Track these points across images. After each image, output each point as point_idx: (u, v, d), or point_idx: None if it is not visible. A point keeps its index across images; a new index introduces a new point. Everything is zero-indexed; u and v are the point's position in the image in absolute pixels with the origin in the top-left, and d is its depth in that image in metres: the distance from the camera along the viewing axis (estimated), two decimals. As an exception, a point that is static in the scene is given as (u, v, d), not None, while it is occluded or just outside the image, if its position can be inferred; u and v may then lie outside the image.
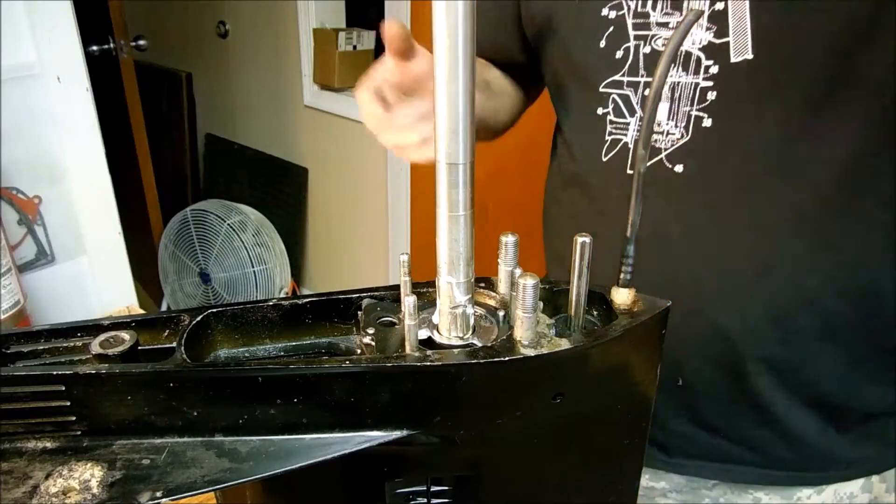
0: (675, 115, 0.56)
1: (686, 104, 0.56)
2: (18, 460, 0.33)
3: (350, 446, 0.33)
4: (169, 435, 0.34)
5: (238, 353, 0.40)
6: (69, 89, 0.99)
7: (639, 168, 0.37)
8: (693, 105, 0.55)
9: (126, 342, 0.35)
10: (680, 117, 0.56)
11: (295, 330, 0.41)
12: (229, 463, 0.33)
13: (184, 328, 0.37)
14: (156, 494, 0.31)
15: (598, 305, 0.39)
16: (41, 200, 1.00)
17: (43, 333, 0.38)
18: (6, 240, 0.83)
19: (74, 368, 0.33)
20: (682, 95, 0.56)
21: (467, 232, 0.32)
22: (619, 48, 0.59)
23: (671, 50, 0.38)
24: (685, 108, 0.56)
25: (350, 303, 0.40)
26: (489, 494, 0.37)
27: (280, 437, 0.34)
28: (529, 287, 0.32)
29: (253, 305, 0.40)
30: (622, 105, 0.60)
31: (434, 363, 0.33)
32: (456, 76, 0.28)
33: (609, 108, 0.62)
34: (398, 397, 0.33)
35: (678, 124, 0.56)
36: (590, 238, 0.35)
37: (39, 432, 0.34)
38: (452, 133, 0.29)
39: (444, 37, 0.27)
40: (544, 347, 0.33)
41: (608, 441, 0.38)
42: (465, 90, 0.28)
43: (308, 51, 2.16)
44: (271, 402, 0.33)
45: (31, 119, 0.96)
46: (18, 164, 0.96)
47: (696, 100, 0.55)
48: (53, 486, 0.32)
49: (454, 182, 0.30)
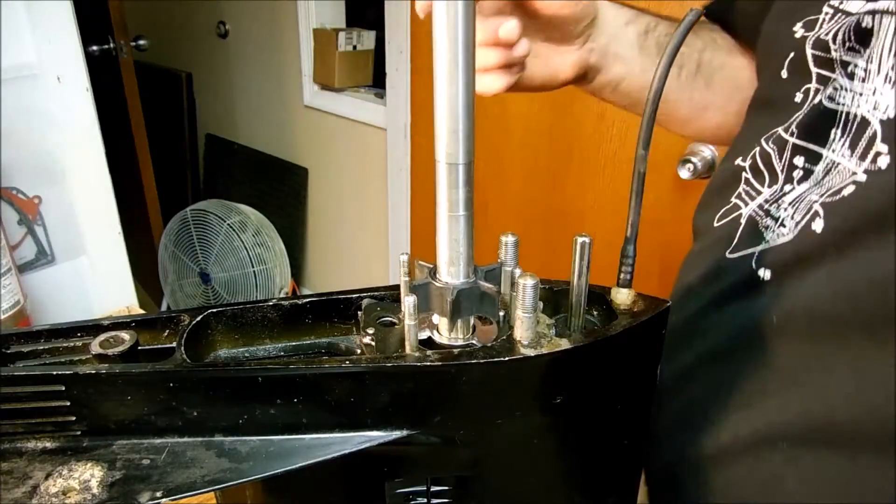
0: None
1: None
2: (18, 460, 0.33)
3: (350, 446, 0.33)
4: (169, 435, 0.34)
5: (238, 353, 0.40)
6: (69, 89, 0.99)
7: (639, 168, 0.37)
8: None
9: (126, 342, 0.35)
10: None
11: (295, 330, 0.41)
12: (229, 463, 0.33)
13: (184, 328, 0.37)
14: (156, 494, 0.31)
15: (598, 305, 0.39)
16: (41, 200, 1.00)
17: (43, 333, 0.38)
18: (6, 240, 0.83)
19: (74, 368, 0.33)
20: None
21: (467, 232, 0.32)
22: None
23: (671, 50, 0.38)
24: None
25: (350, 303, 0.40)
26: (489, 494, 0.37)
27: (280, 437, 0.34)
28: (529, 287, 0.32)
29: (253, 305, 0.40)
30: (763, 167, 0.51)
31: (434, 363, 0.33)
32: (456, 76, 0.28)
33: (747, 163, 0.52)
34: (398, 397, 0.33)
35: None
36: (590, 238, 0.35)
37: (39, 432, 0.34)
38: (452, 133, 0.29)
39: (444, 37, 0.27)
40: (544, 347, 0.33)
41: (608, 441, 0.38)
42: (466, 90, 0.28)
43: (308, 51, 2.16)
44: (271, 402, 0.33)
45: (31, 119, 0.96)
46: (18, 164, 0.96)
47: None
48: (53, 486, 0.32)
49: (454, 182, 0.30)
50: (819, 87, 0.47)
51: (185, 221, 2.34)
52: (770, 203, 0.49)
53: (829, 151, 0.45)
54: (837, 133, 0.44)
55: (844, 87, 0.44)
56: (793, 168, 0.47)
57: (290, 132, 2.39)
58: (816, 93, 0.47)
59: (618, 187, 1.38)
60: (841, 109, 0.44)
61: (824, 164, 0.45)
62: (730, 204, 0.53)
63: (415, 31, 1.71)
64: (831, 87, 0.45)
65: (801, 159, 0.47)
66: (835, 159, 0.44)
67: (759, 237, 0.49)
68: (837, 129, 0.44)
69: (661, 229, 1.32)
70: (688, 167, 1.20)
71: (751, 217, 0.50)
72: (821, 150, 0.46)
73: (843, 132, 0.44)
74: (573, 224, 1.45)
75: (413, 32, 1.71)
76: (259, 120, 2.52)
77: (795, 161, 0.47)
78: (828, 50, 0.45)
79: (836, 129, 0.44)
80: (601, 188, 1.40)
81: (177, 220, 2.38)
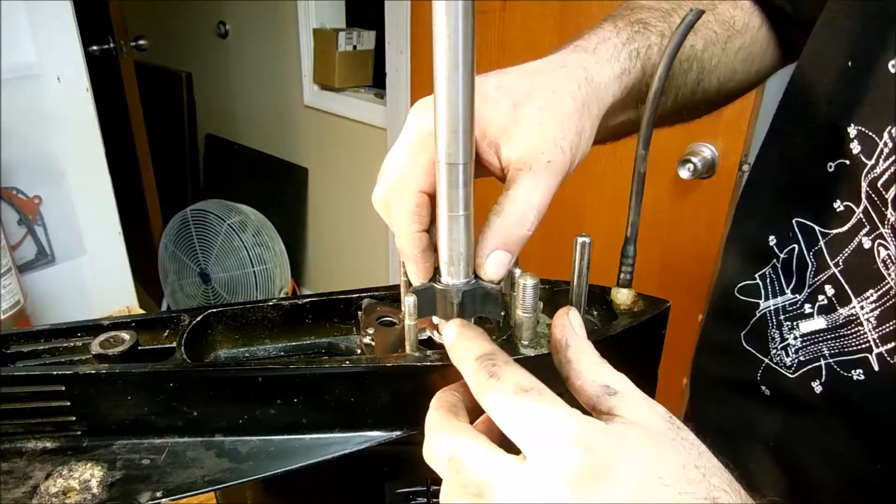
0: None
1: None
2: (18, 460, 0.33)
3: (350, 446, 0.33)
4: (169, 435, 0.34)
5: (238, 353, 0.40)
6: (69, 89, 0.99)
7: (639, 168, 0.37)
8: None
9: (126, 342, 0.35)
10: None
11: (295, 330, 0.41)
12: (229, 463, 0.33)
13: (184, 328, 0.37)
14: (156, 494, 0.31)
15: (598, 305, 0.39)
16: (41, 200, 1.00)
17: (43, 333, 0.38)
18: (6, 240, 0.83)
19: (74, 368, 0.33)
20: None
21: (467, 232, 0.32)
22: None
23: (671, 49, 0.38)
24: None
25: (350, 303, 0.40)
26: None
27: (280, 437, 0.34)
28: (529, 287, 0.32)
29: (253, 305, 0.40)
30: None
31: (434, 363, 0.33)
32: (456, 76, 0.28)
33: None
34: (398, 397, 0.33)
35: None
36: (590, 238, 0.34)
37: (39, 432, 0.34)
38: (452, 133, 0.29)
39: (444, 37, 0.27)
40: (544, 347, 0.33)
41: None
42: (466, 90, 0.28)
43: (308, 51, 2.16)
44: (271, 402, 0.33)
45: (31, 119, 0.96)
46: (18, 164, 0.96)
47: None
48: (53, 486, 0.32)
49: (454, 182, 0.30)
50: (864, 223, 0.43)
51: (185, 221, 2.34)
52: (787, 315, 0.48)
53: (857, 304, 0.43)
54: (874, 294, 0.42)
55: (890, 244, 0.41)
56: (820, 291, 0.45)
57: (290, 132, 2.39)
58: (860, 227, 0.43)
59: (618, 187, 1.37)
60: (884, 271, 0.41)
61: (848, 311, 0.43)
62: (753, 281, 0.52)
63: (415, 31, 1.70)
64: (879, 236, 0.42)
65: (832, 290, 0.45)
66: (858, 314, 0.43)
67: (764, 348, 0.50)
68: (874, 291, 0.42)
69: (661, 229, 1.31)
70: (688, 167, 1.20)
71: (765, 317, 0.50)
72: (851, 295, 0.43)
73: (880, 298, 0.42)
74: (573, 224, 1.45)
75: (413, 32, 1.71)
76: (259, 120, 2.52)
77: (826, 288, 0.45)
78: (883, 197, 0.41)
79: (874, 291, 0.42)
80: (601, 188, 1.40)
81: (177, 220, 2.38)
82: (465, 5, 0.27)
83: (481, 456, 0.27)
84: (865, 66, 0.42)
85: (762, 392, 0.50)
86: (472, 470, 0.27)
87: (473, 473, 0.27)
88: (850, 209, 0.43)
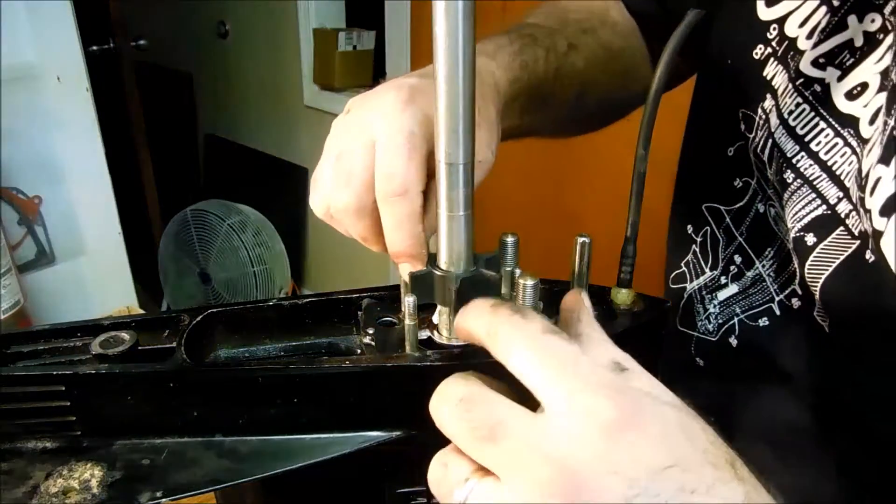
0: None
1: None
2: (18, 460, 0.33)
3: (350, 446, 0.33)
4: (169, 435, 0.34)
5: (238, 353, 0.40)
6: (69, 89, 0.99)
7: (639, 168, 0.37)
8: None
9: (126, 342, 0.35)
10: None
11: (295, 330, 0.41)
12: (229, 463, 0.33)
13: (184, 328, 0.37)
14: (156, 494, 0.31)
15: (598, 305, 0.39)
16: (41, 200, 1.00)
17: (43, 333, 0.38)
18: (6, 240, 0.83)
19: (74, 368, 0.33)
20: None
21: (467, 232, 0.32)
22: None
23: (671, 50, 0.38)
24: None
25: (350, 303, 0.40)
26: (489, 494, 0.37)
27: (280, 437, 0.34)
28: (529, 287, 0.32)
29: (253, 305, 0.40)
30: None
31: (434, 363, 0.33)
32: (456, 76, 0.28)
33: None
34: (398, 397, 0.33)
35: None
36: (589, 238, 0.34)
37: (39, 432, 0.34)
38: (452, 133, 0.29)
39: (444, 37, 0.27)
40: (544, 347, 0.33)
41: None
42: (466, 90, 0.28)
43: (308, 51, 2.16)
44: (271, 402, 0.33)
45: (31, 119, 0.96)
46: (18, 164, 0.96)
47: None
48: (53, 486, 0.32)
49: (454, 182, 0.30)
50: (758, 192, 0.49)
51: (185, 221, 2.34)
52: (707, 290, 0.54)
53: (759, 264, 0.49)
54: (770, 251, 0.48)
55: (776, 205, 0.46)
56: (731, 262, 0.51)
57: (290, 132, 2.39)
58: (756, 196, 0.49)
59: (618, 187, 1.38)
60: (778, 232, 0.47)
61: (753, 273, 0.49)
62: (680, 269, 0.58)
63: (415, 31, 1.70)
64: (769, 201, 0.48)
65: (740, 258, 0.51)
66: (761, 272, 0.49)
67: (693, 323, 0.55)
68: (771, 249, 0.48)
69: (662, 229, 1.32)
70: (688, 167, 1.20)
71: (691, 297, 0.56)
72: (755, 258, 0.49)
73: (776, 254, 0.48)
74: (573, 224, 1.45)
75: (413, 32, 1.71)
76: (259, 120, 2.52)
77: (735, 258, 0.51)
78: (762, 159, 0.46)
79: (771, 249, 0.48)
80: (601, 188, 1.40)
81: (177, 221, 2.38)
82: (465, 5, 0.27)
83: (498, 400, 0.25)
84: (738, 56, 0.47)
85: (697, 364, 0.55)
86: (485, 409, 0.25)
87: (487, 413, 0.25)
88: (747, 183, 0.49)
